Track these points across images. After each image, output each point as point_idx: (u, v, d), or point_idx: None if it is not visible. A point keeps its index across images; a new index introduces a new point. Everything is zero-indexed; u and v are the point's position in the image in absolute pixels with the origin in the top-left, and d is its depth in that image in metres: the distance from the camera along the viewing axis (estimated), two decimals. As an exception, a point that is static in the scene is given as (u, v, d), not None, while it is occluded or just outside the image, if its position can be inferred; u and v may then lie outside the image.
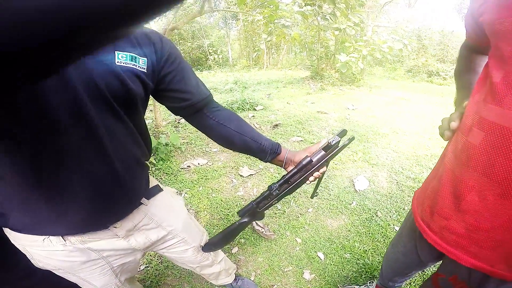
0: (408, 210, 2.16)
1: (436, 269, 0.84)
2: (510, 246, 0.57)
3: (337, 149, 0.81)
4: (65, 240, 0.70)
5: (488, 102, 0.55)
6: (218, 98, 5.48)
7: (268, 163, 2.80)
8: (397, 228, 1.97)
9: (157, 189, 0.88)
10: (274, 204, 0.90)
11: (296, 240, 1.88)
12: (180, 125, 3.73)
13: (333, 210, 2.17)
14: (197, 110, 0.81)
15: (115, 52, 0.59)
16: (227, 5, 11.67)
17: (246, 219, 0.93)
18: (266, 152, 0.86)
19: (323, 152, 0.80)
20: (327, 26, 6.23)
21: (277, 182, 0.83)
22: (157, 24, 10.15)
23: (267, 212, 2.12)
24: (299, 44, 9.19)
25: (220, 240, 1.01)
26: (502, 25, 0.51)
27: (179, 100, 0.76)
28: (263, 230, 1.91)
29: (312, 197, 0.97)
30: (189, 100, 0.77)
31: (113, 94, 0.59)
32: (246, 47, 13.24)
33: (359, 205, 2.23)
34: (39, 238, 0.67)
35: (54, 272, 0.77)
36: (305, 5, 4.77)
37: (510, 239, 0.56)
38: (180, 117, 3.75)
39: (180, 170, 2.71)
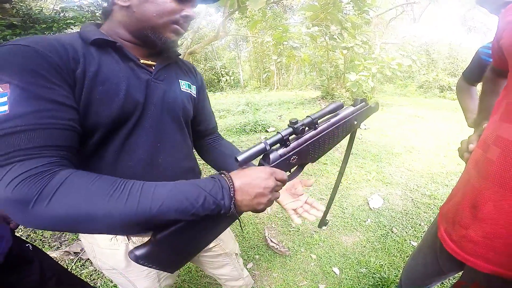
0: (425, 226, 2.16)
1: (455, 281, 0.84)
2: None
3: (365, 108, 0.80)
4: (128, 240, 0.75)
5: (503, 121, 0.61)
6: (231, 119, 5.59)
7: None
8: (414, 243, 1.97)
9: None
10: (292, 162, 0.66)
11: (310, 256, 1.88)
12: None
13: (348, 228, 2.17)
14: (205, 135, 0.96)
15: (179, 80, 0.75)
16: (237, 27, 12.07)
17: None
18: None
19: (352, 108, 0.77)
20: (335, 45, 6.39)
21: (302, 120, 0.65)
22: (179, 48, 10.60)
23: (281, 229, 2.15)
24: (309, 64, 9.37)
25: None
26: None
27: (197, 124, 0.91)
28: (277, 246, 1.93)
29: (320, 226, 0.89)
30: (204, 125, 0.93)
31: (183, 114, 0.75)
32: (257, 68, 13.57)
33: (374, 222, 2.22)
34: (108, 237, 0.74)
35: (105, 273, 0.83)
36: (312, 26, 4.95)
37: None
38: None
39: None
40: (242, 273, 1.17)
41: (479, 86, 1.20)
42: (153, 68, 0.69)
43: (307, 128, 0.67)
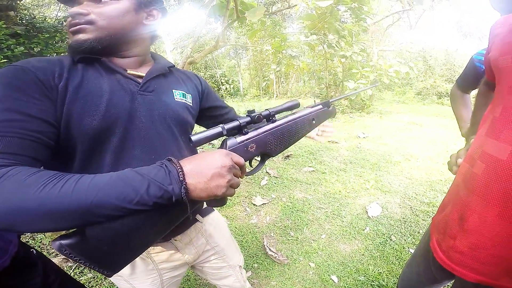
0: (423, 233, 2.16)
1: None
2: (511, 261, 0.61)
3: (322, 110, 0.89)
4: None
5: (488, 137, 0.63)
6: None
7: (280, 193, 2.89)
8: (412, 251, 1.96)
9: (210, 209, 1.00)
10: (250, 151, 0.67)
11: (309, 265, 1.88)
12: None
13: (346, 236, 2.18)
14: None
15: (172, 90, 0.76)
16: (237, 35, 12.16)
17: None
18: None
19: (310, 108, 0.87)
20: (333, 53, 6.45)
21: (260, 111, 0.71)
22: (179, 57, 10.69)
23: (279, 238, 2.15)
24: (308, 73, 9.45)
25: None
26: (504, 61, 0.59)
27: (221, 115, 0.98)
28: (276, 255, 1.93)
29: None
30: (228, 112, 1.00)
31: (176, 124, 0.75)
32: (256, 76, 13.62)
33: (373, 231, 2.23)
34: None
35: (111, 279, 0.83)
36: (310, 35, 5.01)
37: (511, 255, 0.61)
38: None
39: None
40: (244, 284, 1.17)
41: (473, 92, 1.21)
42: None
43: (264, 120, 0.71)
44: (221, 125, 0.59)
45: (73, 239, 0.47)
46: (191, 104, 0.82)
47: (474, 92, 1.13)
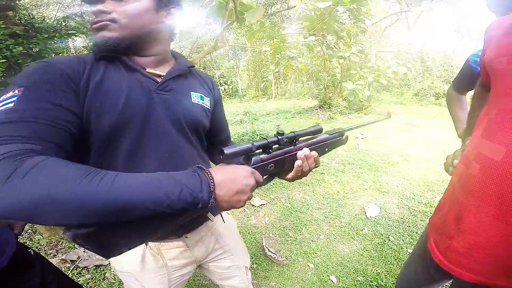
0: (421, 233, 2.17)
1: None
2: (507, 261, 0.62)
3: (337, 139, 0.87)
4: (146, 245, 0.77)
5: (484, 138, 0.64)
6: (229, 129, 5.63)
7: (278, 193, 2.89)
8: (411, 251, 1.97)
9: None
10: (269, 169, 0.69)
11: (308, 265, 1.89)
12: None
13: (345, 236, 2.19)
14: (219, 144, 0.98)
15: (190, 92, 0.76)
16: (236, 36, 12.16)
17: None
18: None
19: (326, 135, 0.84)
20: (332, 54, 6.47)
21: (287, 134, 0.71)
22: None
23: (278, 238, 2.15)
24: (306, 74, 9.47)
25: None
26: (499, 63, 0.60)
27: (216, 134, 0.94)
28: (275, 255, 1.93)
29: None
30: (222, 135, 0.99)
31: (191, 125, 0.75)
32: (255, 77, 13.64)
33: (371, 231, 2.24)
34: None
35: (119, 275, 0.85)
36: (309, 36, 5.03)
37: (506, 255, 0.62)
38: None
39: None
40: (249, 286, 1.15)
41: (470, 93, 1.21)
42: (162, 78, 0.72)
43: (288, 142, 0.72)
44: (251, 141, 0.61)
45: (87, 230, 0.48)
46: (208, 107, 0.82)
47: (471, 93, 1.13)
